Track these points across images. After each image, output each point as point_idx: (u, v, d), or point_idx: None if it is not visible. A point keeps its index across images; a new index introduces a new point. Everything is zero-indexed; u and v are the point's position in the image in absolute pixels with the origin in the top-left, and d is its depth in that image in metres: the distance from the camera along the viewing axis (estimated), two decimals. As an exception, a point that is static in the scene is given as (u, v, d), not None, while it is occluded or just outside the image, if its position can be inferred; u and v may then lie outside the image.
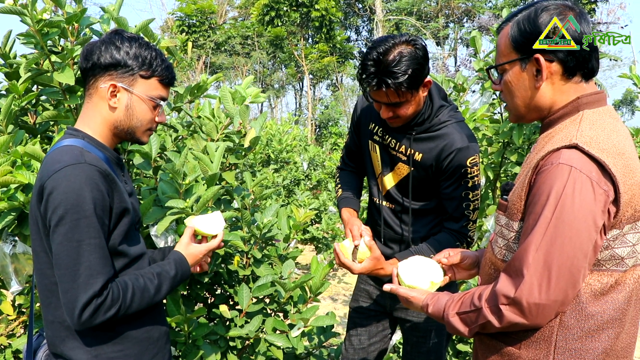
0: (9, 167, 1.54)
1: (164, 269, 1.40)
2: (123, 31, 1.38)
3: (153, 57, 1.36)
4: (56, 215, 1.18)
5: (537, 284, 1.11)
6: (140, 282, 1.32)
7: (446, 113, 1.88)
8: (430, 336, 2.06)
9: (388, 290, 1.49)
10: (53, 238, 1.20)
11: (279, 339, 2.06)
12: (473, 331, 1.25)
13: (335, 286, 6.04)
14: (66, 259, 1.19)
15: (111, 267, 1.27)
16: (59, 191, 1.18)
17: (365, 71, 1.69)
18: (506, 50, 1.26)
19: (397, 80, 1.65)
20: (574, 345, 1.17)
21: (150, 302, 1.33)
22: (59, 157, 1.23)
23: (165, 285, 1.37)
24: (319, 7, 19.45)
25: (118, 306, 1.24)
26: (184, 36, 2.51)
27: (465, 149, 1.82)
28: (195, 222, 1.55)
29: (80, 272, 1.19)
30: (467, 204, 1.88)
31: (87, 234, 1.20)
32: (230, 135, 2.16)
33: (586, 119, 1.19)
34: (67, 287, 1.20)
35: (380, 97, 1.74)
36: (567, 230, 1.09)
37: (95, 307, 1.20)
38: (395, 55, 1.66)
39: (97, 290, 1.20)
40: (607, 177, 1.10)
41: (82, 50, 1.36)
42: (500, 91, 1.35)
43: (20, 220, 1.64)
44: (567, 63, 1.20)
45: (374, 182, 2.06)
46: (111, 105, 1.34)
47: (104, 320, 1.23)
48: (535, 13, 1.21)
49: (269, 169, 7.01)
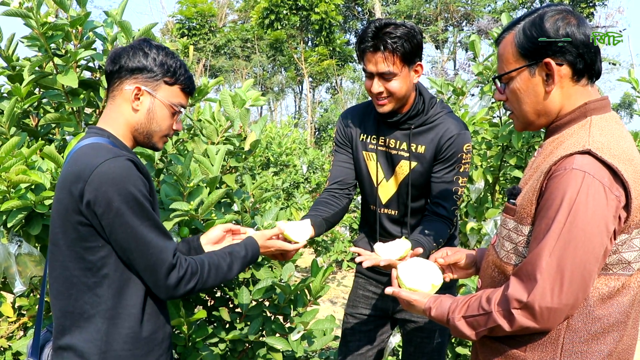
0: (23, 167, 1.56)
1: (235, 249, 1.51)
2: (151, 40, 1.46)
3: (177, 66, 1.43)
4: (112, 208, 1.25)
5: (550, 288, 1.12)
6: (214, 260, 1.43)
7: (438, 105, 1.96)
8: (435, 336, 2.07)
9: (390, 294, 1.50)
10: (114, 229, 1.27)
11: (278, 342, 2.06)
12: (480, 335, 1.25)
13: (335, 289, 6.04)
14: (134, 243, 1.29)
15: (172, 239, 1.36)
16: (107, 185, 1.25)
17: (365, 35, 1.79)
18: (513, 58, 1.27)
19: (393, 42, 1.75)
20: (581, 348, 1.19)
21: (223, 279, 1.44)
22: (95, 153, 1.29)
23: (237, 264, 1.48)
24: (318, 10, 19.46)
25: (197, 279, 1.36)
26: (185, 40, 2.53)
27: (463, 134, 1.91)
28: (285, 225, 1.66)
29: (151, 252, 1.29)
30: (456, 188, 1.93)
31: (144, 217, 1.29)
32: (230, 139, 2.17)
33: (595, 125, 1.21)
34: (144, 267, 1.31)
35: (374, 63, 1.79)
36: (580, 235, 1.10)
37: (177, 278, 1.32)
38: (393, 26, 1.78)
39: (172, 261, 1.31)
40: (619, 182, 1.12)
41: (109, 54, 1.43)
42: (504, 101, 1.35)
43: (28, 219, 1.66)
44: (576, 65, 1.21)
45: (371, 193, 2.05)
46: (134, 108, 1.40)
47: (186, 292, 1.34)
48: (541, 19, 1.22)
49: (268, 172, 7.01)
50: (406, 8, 22.82)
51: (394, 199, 2.01)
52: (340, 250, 6.25)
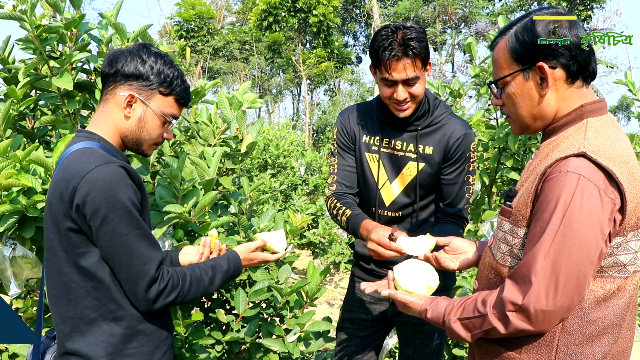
0: (12, 171, 1.55)
1: (218, 262, 1.50)
2: (151, 45, 1.43)
3: (175, 77, 1.41)
4: (99, 215, 1.24)
5: (545, 290, 1.12)
6: (196, 273, 1.41)
7: (442, 105, 1.97)
8: (434, 338, 2.07)
9: (386, 295, 1.49)
10: (99, 236, 1.26)
11: (275, 344, 2.06)
12: (475, 337, 1.25)
13: (332, 291, 6.04)
14: (118, 252, 1.27)
15: (160, 251, 1.34)
16: (96, 192, 1.23)
17: (385, 44, 1.74)
18: (506, 63, 1.28)
19: (416, 47, 1.73)
20: (575, 350, 1.19)
21: (204, 292, 1.43)
22: (86, 158, 1.27)
23: (218, 278, 1.46)
24: (316, 12, 19.49)
25: (177, 292, 1.34)
26: (182, 42, 2.53)
27: (469, 134, 1.93)
28: (267, 237, 1.68)
29: (134, 263, 1.27)
30: (468, 187, 1.95)
31: (131, 226, 1.27)
32: (227, 141, 2.17)
33: (591, 127, 1.21)
34: (126, 277, 1.29)
35: (399, 71, 1.76)
36: (575, 237, 1.10)
37: (157, 291, 1.30)
38: (406, 30, 1.75)
39: (154, 274, 1.29)
40: (614, 185, 1.12)
41: (107, 55, 1.40)
42: (501, 106, 1.36)
43: (21, 223, 1.65)
44: (569, 67, 1.21)
45: (373, 195, 2.03)
46: (125, 115, 1.38)
47: (165, 305, 1.32)
48: (532, 22, 1.23)
49: (266, 174, 7.02)
50: (404, 10, 22.86)
51: (398, 201, 2.00)
52: (338, 252, 6.25)
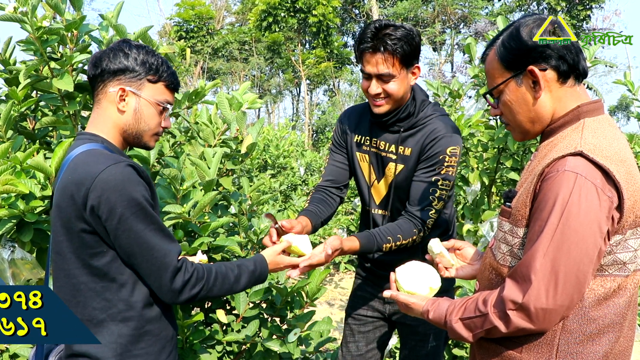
0: (10, 177, 1.56)
1: (244, 263, 1.50)
2: (130, 40, 1.45)
3: (159, 64, 1.43)
4: (115, 214, 1.26)
5: (545, 289, 1.13)
6: (222, 269, 1.43)
7: (430, 107, 1.95)
8: (429, 340, 2.07)
9: (388, 297, 1.50)
10: (118, 235, 1.28)
11: (275, 344, 2.07)
12: (477, 336, 1.26)
13: (332, 291, 6.05)
14: (138, 249, 1.29)
15: (176, 243, 1.36)
16: (110, 192, 1.25)
17: (364, 36, 1.78)
18: (498, 72, 1.30)
19: (393, 44, 1.74)
20: (576, 349, 1.19)
21: (229, 290, 1.44)
22: (94, 160, 1.29)
23: (244, 278, 1.47)
24: (316, 12, 19.48)
25: (202, 285, 1.36)
26: (182, 42, 2.53)
27: (448, 136, 1.88)
28: (291, 238, 1.67)
29: (156, 256, 1.30)
30: (434, 189, 1.88)
31: (147, 221, 1.30)
32: (227, 141, 2.17)
33: (588, 127, 1.22)
34: (149, 272, 1.31)
35: (372, 65, 1.79)
36: (573, 236, 1.11)
37: (182, 282, 1.32)
38: (393, 28, 1.77)
39: (176, 264, 1.32)
40: (611, 183, 1.13)
41: (90, 59, 1.42)
42: (500, 115, 1.37)
43: (20, 227, 1.66)
44: (559, 68, 1.23)
45: (367, 192, 2.07)
46: (120, 109, 1.40)
47: (190, 297, 1.34)
48: (517, 29, 1.26)
49: (266, 174, 7.02)
50: (404, 10, 22.86)
51: (385, 200, 2.02)
52: (338, 252, 6.23)
